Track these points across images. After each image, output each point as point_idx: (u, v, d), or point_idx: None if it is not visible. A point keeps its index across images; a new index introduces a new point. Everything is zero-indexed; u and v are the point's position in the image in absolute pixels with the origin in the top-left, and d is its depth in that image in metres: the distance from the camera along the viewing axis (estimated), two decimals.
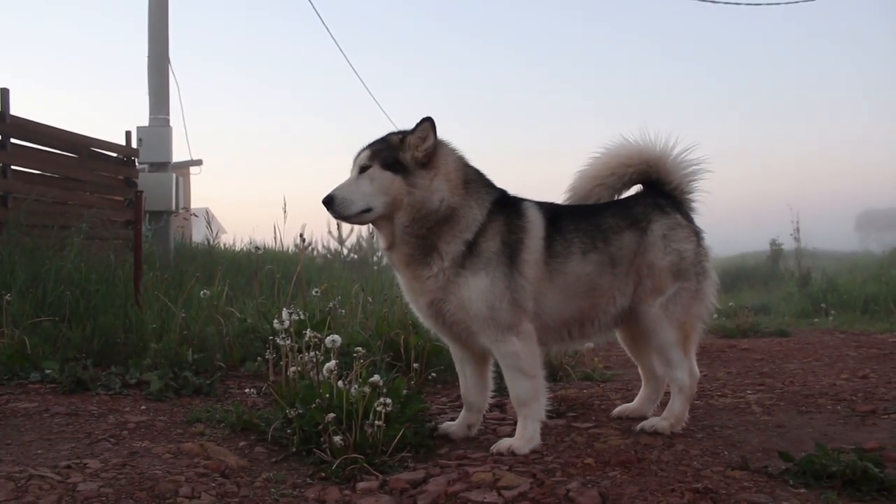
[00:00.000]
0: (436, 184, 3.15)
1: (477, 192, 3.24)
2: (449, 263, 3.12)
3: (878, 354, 6.23)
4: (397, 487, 2.66)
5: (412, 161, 3.15)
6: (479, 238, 3.14)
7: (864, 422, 3.72)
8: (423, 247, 3.15)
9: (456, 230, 3.14)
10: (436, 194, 3.13)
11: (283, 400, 3.40)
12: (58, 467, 2.76)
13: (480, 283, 3.09)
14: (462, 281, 3.11)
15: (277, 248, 11.55)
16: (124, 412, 3.84)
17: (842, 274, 13.87)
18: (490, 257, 3.12)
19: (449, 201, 3.15)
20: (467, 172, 3.27)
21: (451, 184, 3.17)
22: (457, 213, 3.15)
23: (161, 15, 10.26)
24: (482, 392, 3.47)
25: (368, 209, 3.12)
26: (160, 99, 10.20)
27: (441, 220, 3.14)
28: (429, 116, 3.17)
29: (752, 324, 8.52)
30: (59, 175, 8.45)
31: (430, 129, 3.16)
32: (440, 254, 3.13)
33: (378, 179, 3.12)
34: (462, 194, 3.19)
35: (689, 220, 3.61)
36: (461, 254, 3.12)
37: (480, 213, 3.18)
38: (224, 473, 2.85)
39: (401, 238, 3.16)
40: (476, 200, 3.21)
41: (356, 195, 3.11)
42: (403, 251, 3.18)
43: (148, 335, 5.12)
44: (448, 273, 3.12)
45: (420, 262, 3.17)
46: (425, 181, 3.14)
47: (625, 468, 2.87)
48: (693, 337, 3.50)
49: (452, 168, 3.22)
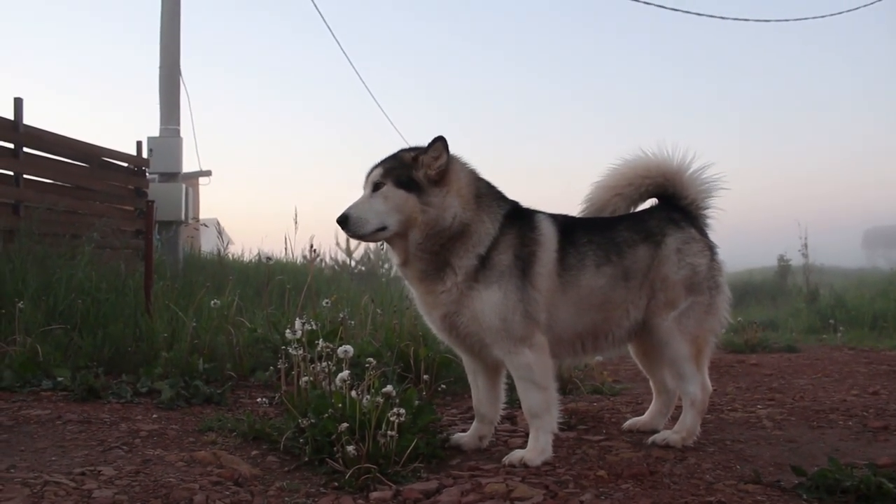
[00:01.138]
0: (448, 201, 3.15)
1: (489, 206, 3.25)
2: (462, 278, 3.13)
3: (888, 371, 6.21)
4: (410, 497, 2.67)
5: (425, 179, 3.16)
6: (491, 251, 3.15)
7: (877, 438, 3.70)
8: (436, 262, 3.16)
9: (469, 245, 3.15)
10: (448, 211, 3.14)
11: (296, 409, 3.41)
12: (72, 474, 2.77)
13: (493, 296, 3.10)
14: (475, 294, 3.12)
15: (286, 260, 11.57)
16: (136, 420, 3.85)
17: (849, 290, 13.83)
18: (503, 270, 3.13)
19: (461, 217, 3.16)
20: (479, 187, 3.29)
21: (463, 200, 3.18)
22: (469, 229, 3.17)
23: (173, 26, 10.35)
24: (494, 404, 3.47)
25: (383, 227, 3.13)
26: (171, 109, 10.27)
27: (454, 235, 3.15)
28: (441, 136, 3.18)
29: (761, 339, 8.50)
30: (70, 184, 8.51)
31: (443, 148, 3.18)
32: (453, 269, 3.15)
33: (392, 198, 3.13)
34: (474, 209, 3.20)
35: (704, 234, 3.61)
36: (474, 268, 3.13)
37: (493, 227, 3.19)
38: (237, 482, 2.85)
39: (414, 255, 3.17)
40: (488, 215, 3.22)
41: (370, 214, 3.12)
42: (417, 267, 3.19)
43: (158, 344, 5.14)
44: (461, 287, 3.13)
45: (434, 278, 3.18)
46: (438, 199, 3.14)
47: (637, 481, 2.87)
48: (705, 351, 3.50)
49: (464, 184, 3.23)
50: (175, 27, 10.38)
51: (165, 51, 10.33)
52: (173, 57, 10.36)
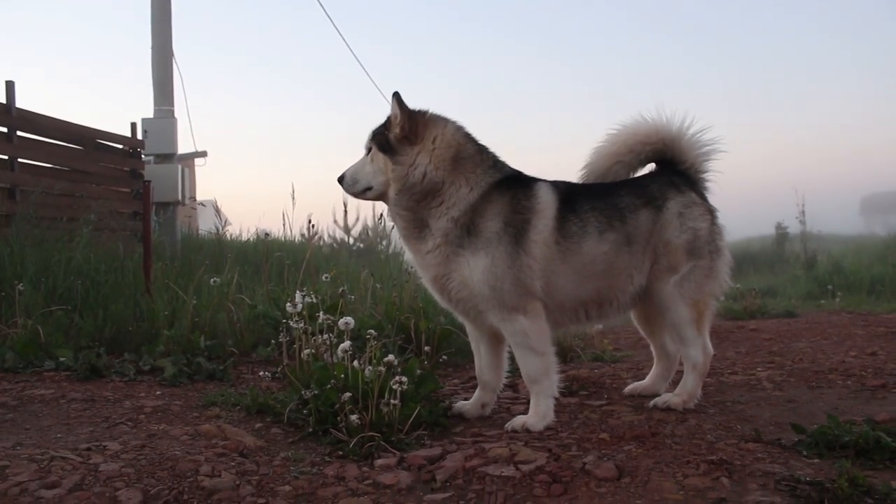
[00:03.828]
0: (419, 159, 3.23)
1: (472, 170, 3.25)
2: (441, 240, 3.18)
3: (885, 333, 6.24)
4: (415, 464, 2.69)
5: (395, 139, 3.26)
6: (477, 218, 3.16)
7: (875, 396, 3.73)
8: (414, 221, 3.25)
9: (443, 206, 3.20)
10: (418, 169, 3.22)
11: (298, 381, 3.43)
12: (78, 449, 2.79)
13: (480, 263, 3.12)
14: (462, 260, 3.15)
15: (285, 238, 11.56)
16: (140, 397, 3.87)
17: (847, 256, 13.87)
18: (490, 237, 3.13)
19: (431, 176, 3.21)
20: (462, 150, 3.28)
21: (436, 159, 3.23)
22: (441, 189, 3.21)
23: (164, 5, 10.25)
24: (497, 371, 3.49)
25: (370, 187, 3.36)
26: (164, 90, 10.21)
27: (426, 193, 3.21)
28: (395, 92, 3.26)
29: (760, 306, 8.55)
30: (66, 167, 8.47)
31: (397, 103, 3.26)
32: (431, 230, 3.21)
33: (376, 160, 3.33)
34: (449, 170, 3.22)
35: (704, 198, 3.61)
36: (453, 232, 3.17)
37: (470, 192, 3.20)
38: (242, 453, 2.88)
39: (393, 211, 3.32)
40: (467, 178, 3.23)
41: (360, 175, 3.37)
42: (399, 225, 3.33)
43: (160, 323, 5.16)
44: (446, 250, 3.18)
45: (416, 237, 3.27)
46: (408, 157, 3.24)
47: (639, 442, 2.89)
48: (706, 314, 3.51)
49: (440, 144, 3.25)
50: (166, 6, 10.27)
51: (157, 31, 10.23)
52: (165, 37, 10.26)
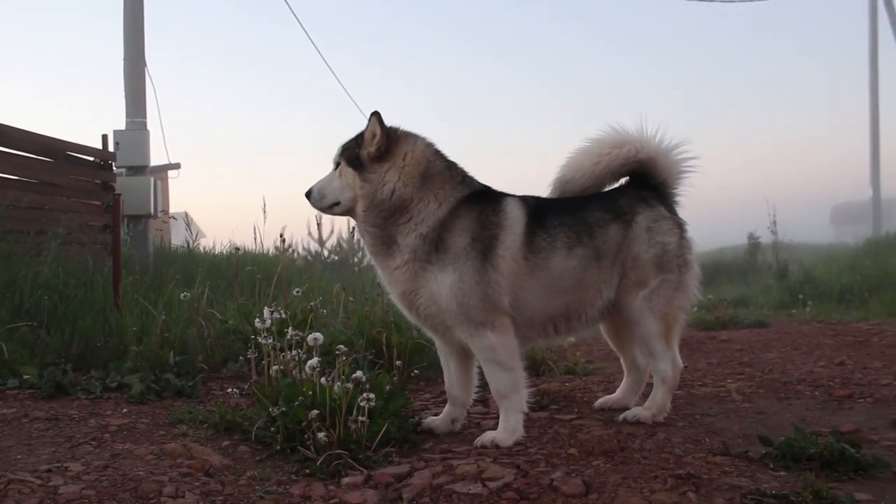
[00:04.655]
0: (388, 176, 3.22)
1: (441, 186, 3.24)
2: (409, 256, 3.17)
3: (853, 342, 6.33)
4: (382, 482, 2.67)
5: (367, 157, 3.24)
6: (445, 234, 3.16)
7: (841, 406, 3.78)
8: (382, 237, 3.24)
9: (411, 223, 3.19)
10: (386, 186, 3.20)
11: (267, 399, 3.39)
12: (38, 471, 2.73)
13: (447, 279, 3.12)
14: (430, 276, 3.15)
15: (258, 251, 11.46)
16: (105, 415, 3.81)
17: (818, 266, 14.03)
18: (458, 253, 3.13)
19: (400, 193, 3.20)
20: (430, 167, 3.27)
21: (405, 176, 3.22)
22: (410, 206, 3.20)
23: (137, 16, 10.15)
24: (466, 386, 3.48)
25: (337, 202, 3.33)
26: (137, 102, 10.09)
27: (394, 210, 3.20)
28: (375, 111, 3.24)
29: (732, 316, 8.61)
30: (34, 180, 8.34)
31: (377, 123, 3.23)
32: (399, 246, 3.20)
33: (344, 175, 3.31)
34: (418, 187, 3.21)
35: (673, 212, 3.62)
36: (421, 248, 3.16)
37: (438, 208, 3.20)
38: (208, 472, 2.84)
39: (361, 228, 3.31)
40: (436, 195, 3.22)
41: (328, 190, 3.34)
42: (367, 241, 3.32)
43: (128, 338, 5.08)
44: (414, 266, 3.17)
45: (384, 254, 3.25)
46: (377, 175, 3.23)
47: (608, 457, 2.89)
48: (675, 328, 3.53)
49: (410, 161, 3.25)
50: (139, 17, 10.16)
51: (130, 42, 10.12)
52: (138, 48, 10.16)
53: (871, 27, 25.07)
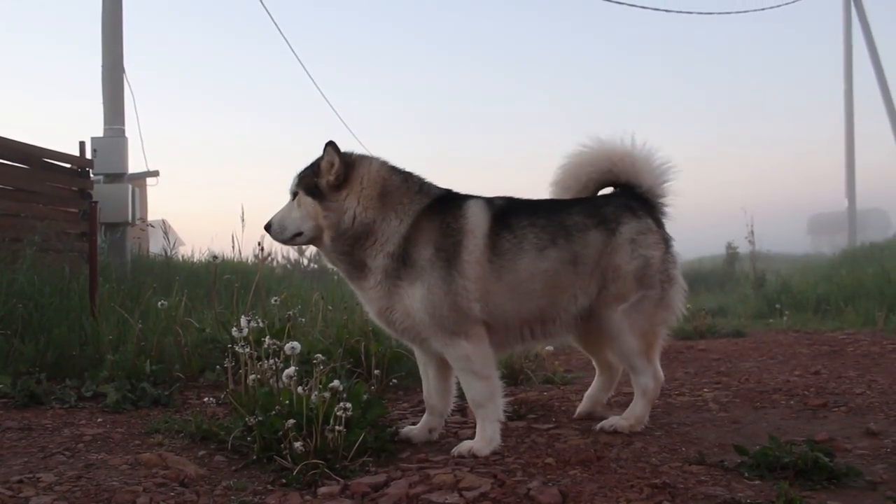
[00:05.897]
0: (347, 204, 3.21)
1: (399, 202, 3.24)
2: (381, 276, 3.18)
3: (828, 351, 6.40)
4: (358, 491, 2.66)
5: (326, 185, 3.23)
6: (409, 248, 3.16)
7: (816, 415, 3.82)
8: (353, 263, 3.24)
9: (377, 244, 3.19)
10: (347, 213, 3.20)
11: (243, 408, 3.37)
12: (9, 482, 2.69)
13: (417, 293, 3.12)
14: (402, 292, 3.15)
15: (236, 259, 11.40)
16: (80, 425, 3.77)
17: (795, 275, 14.20)
18: (423, 266, 3.13)
19: (362, 218, 3.20)
20: (387, 184, 3.27)
21: (365, 200, 3.21)
22: (374, 228, 3.20)
23: (115, 24, 10.09)
24: (444, 396, 3.47)
25: (300, 233, 3.30)
26: (115, 109, 10.02)
27: (359, 236, 3.20)
28: (331, 141, 3.23)
29: (710, 325, 8.68)
30: (10, 187, 8.24)
31: (334, 153, 3.23)
32: (370, 268, 3.20)
33: (304, 205, 3.28)
34: (377, 208, 3.21)
35: (660, 225, 3.59)
36: (391, 266, 3.16)
37: (400, 224, 3.20)
38: (183, 483, 2.81)
39: (332, 258, 3.31)
40: (396, 212, 3.22)
41: (288, 221, 3.31)
42: (340, 269, 3.33)
43: (104, 347, 5.03)
44: (386, 284, 3.18)
45: (358, 277, 3.26)
46: (338, 203, 3.22)
47: (585, 467, 2.90)
48: (656, 343, 3.51)
49: (367, 184, 3.24)
50: (118, 25, 10.11)
51: (108, 49, 10.06)
52: (116, 55, 10.09)
53: (845, 42, 25.53)
